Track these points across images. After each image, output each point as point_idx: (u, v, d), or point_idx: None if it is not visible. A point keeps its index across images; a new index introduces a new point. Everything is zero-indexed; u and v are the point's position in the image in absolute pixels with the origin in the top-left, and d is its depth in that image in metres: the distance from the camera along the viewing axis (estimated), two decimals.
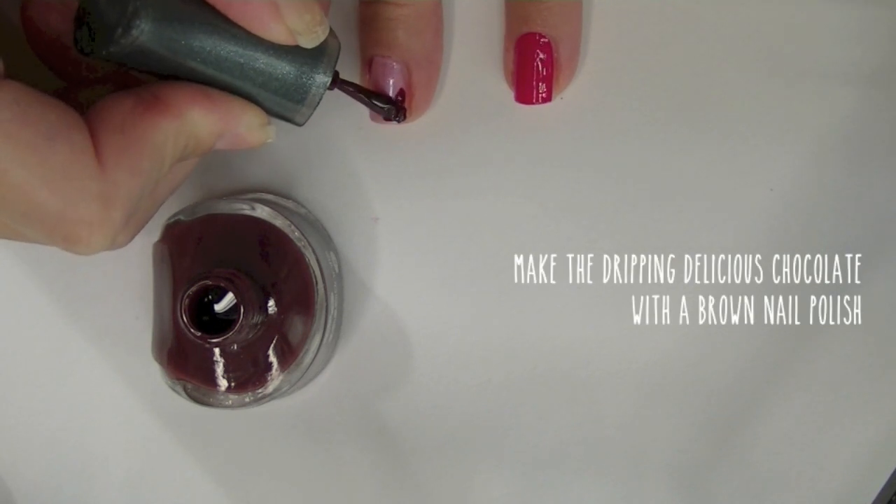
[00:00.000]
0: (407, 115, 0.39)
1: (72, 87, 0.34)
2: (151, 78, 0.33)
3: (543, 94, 0.39)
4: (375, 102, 0.38)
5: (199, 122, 0.32)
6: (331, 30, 0.34)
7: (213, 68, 0.32)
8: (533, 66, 0.39)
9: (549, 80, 0.39)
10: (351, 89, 0.37)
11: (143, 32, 0.30)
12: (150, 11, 0.30)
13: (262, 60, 0.32)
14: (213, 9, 0.31)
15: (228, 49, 0.32)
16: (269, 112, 0.34)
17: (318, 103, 0.34)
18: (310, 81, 0.34)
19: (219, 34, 0.31)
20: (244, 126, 0.33)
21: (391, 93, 0.39)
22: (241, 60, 0.32)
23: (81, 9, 0.32)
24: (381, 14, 0.38)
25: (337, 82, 0.35)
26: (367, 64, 0.39)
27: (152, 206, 0.34)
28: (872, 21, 0.40)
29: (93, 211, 0.29)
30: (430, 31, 0.39)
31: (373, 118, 0.40)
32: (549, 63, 0.39)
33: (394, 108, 0.38)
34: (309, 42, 0.32)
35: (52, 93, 0.34)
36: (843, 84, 0.41)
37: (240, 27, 0.31)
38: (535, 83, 0.39)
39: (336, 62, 0.34)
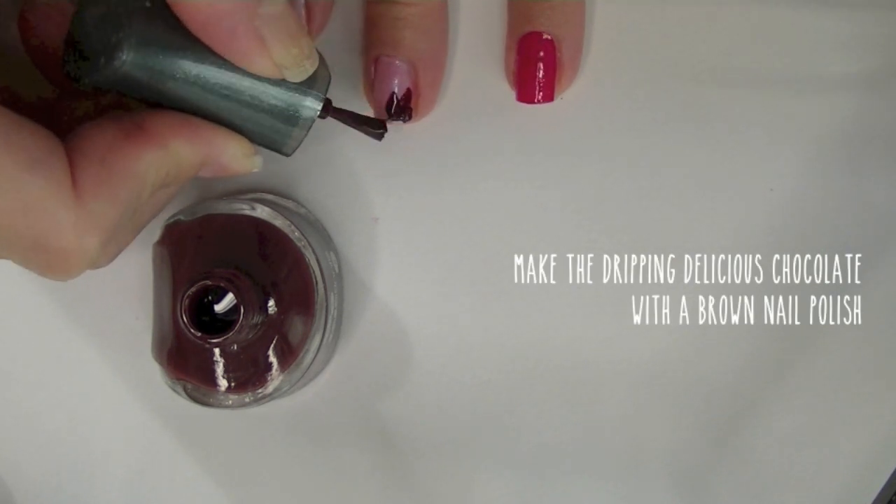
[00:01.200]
0: (412, 115, 0.39)
1: (66, 96, 0.34)
2: (138, 105, 0.32)
3: (545, 94, 0.39)
4: (369, 129, 0.38)
5: (181, 152, 0.31)
6: (321, 59, 0.33)
7: (198, 98, 0.32)
8: (535, 66, 0.39)
9: (550, 80, 0.39)
10: (344, 118, 0.37)
11: (126, 63, 0.30)
12: (134, 42, 0.30)
13: (249, 92, 0.32)
14: (198, 41, 0.31)
15: (214, 81, 0.31)
16: (256, 141, 0.34)
17: (307, 134, 0.34)
18: (297, 113, 0.33)
19: (204, 66, 0.31)
20: (228, 156, 0.33)
21: (398, 93, 0.39)
22: (227, 92, 0.32)
23: (70, 35, 0.32)
24: (389, 13, 0.38)
25: (330, 111, 0.35)
26: (373, 63, 0.39)
27: (133, 231, 0.34)
28: (872, 22, 0.40)
29: (69, 241, 0.29)
30: (436, 32, 0.39)
31: (376, 115, 0.40)
32: (552, 62, 0.39)
33: (383, 131, 0.38)
34: (296, 76, 0.32)
35: (46, 101, 0.34)
36: (843, 85, 0.41)
37: (226, 59, 0.31)
38: (536, 82, 0.39)
39: (326, 91, 0.34)
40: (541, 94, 0.39)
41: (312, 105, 0.33)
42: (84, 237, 0.29)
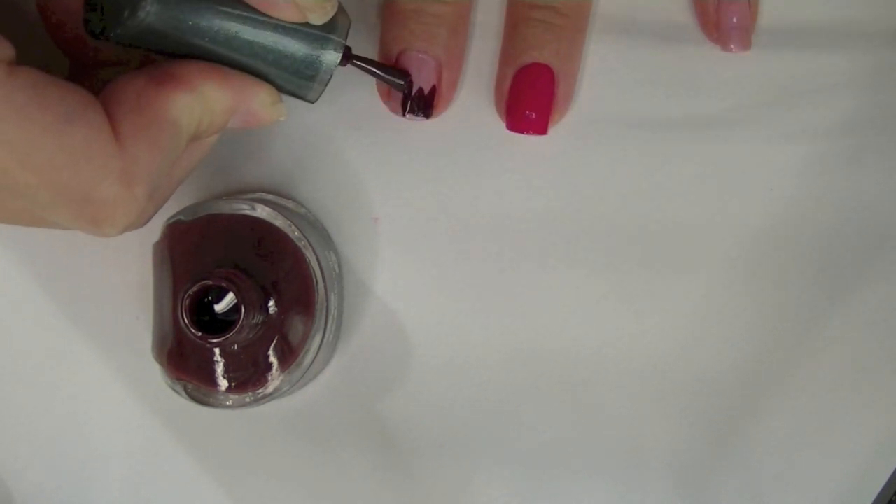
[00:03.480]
0: (433, 113, 0.39)
1: (87, 71, 0.34)
2: (163, 59, 0.33)
3: (539, 128, 0.39)
4: (390, 77, 0.38)
5: (212, 96, 0.32)
6: (341, 6, 0.34)
7: (222, 47, 0.32)
8: (534, 98, 0.39)
9: (546, 114, 0.39)
10: (364, 64, 0.37)
11: (150, 14, 0.30)
12: None
13: (272, 38, 0.33)
14: None
15: (237, 28, 0.32)
16: (281, 90, 0.34)
17: (330, 80, 0.34)
18: (321, 58, 0.34)
19: (227, 13, 0.32)
20: (257, 103, 0.33)
21: (425, 89, 0.39)
22: (251, 38, 0.32)
23: None
24: (426, 10, 0.38)
25: (350, 58, 0.36)
26: (395, 56, 0.39)
27: (171, 186, 0.34)
28: (873, 21, 0.41)
29: (116, 189, 0.29)
30: (463, 33, 0.40)
31: (392, 109, 0.40)
32: (551, 96, 0.39)
33: (408, 84, 0.38)
34: (319, 18, 0.33)
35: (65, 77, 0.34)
36: (843, 85, 0.41)
37: (248, 5, 0.32)
38: (532, 115, 0.39)
39: (346, 37, 0.34)
40: (535, 127, 0.39)
41: (333, 51, 0.34)
42: (132, 183, 0.30)
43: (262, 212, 0.37)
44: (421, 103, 0.38)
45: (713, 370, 0.41)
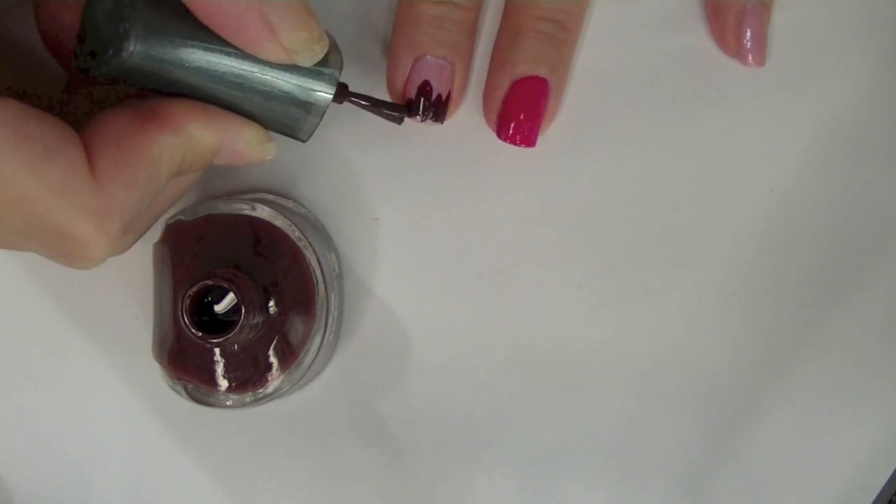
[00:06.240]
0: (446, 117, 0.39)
1: (83, 84, 0.34)
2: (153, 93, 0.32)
3: (530, 140, 0.39)
4: (387, 112, 0.38)
5: (197, 137, 0.32)
6: (333, 44, 0.33)
7: (210, 86, 0.32)
8: (529, 111, 0.38)
9: (537, 126, 0.39)
10: (361, 101, 0.37)
11: (133, 54, 0.30)
12: (141, 33, 0.30)
13: (260, 79, 0.32)
14: (207, 29, 0.30)
15: (224, 69, 0.31)
16: (271, 128, 0.34)
17: (321, 119, 0.34)
18: (311, 98, 0.33)
19: (213, 54, 0.31)
20: (243, 143, 0.33)
21: (443, 95, 0.38)
22: (238, 80, 0.32)
23: (82, 27, 0.32)
24: (449, 16, 0.38)
25: (346, 95, 0.35)
26: (413, 60, 0.38)
27: (150, 219, 0.34)
28: (872, 21, 0.41)
29: (90, 226, 0.29)
30: (474, 39, 0.40)
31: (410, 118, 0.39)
32: (543, 109, 0.39)
33: (405, 115, 0.38)
34: (306, 60, 0.32)
35: (52, 99, 0.34)
36: (843, 84, 0.41)
37: (235, 46, 0.31)
38: (527, 127, 0.39)
39: (339, 76, 0.34)
40: (526, 140, 0.39)
41: (325, 90, 0.33)
42: (105, 222, 0.29)
43: (261, 212, 0.37)
44: (437, 109, 0.38)
45: (713, 370, 0.41)
